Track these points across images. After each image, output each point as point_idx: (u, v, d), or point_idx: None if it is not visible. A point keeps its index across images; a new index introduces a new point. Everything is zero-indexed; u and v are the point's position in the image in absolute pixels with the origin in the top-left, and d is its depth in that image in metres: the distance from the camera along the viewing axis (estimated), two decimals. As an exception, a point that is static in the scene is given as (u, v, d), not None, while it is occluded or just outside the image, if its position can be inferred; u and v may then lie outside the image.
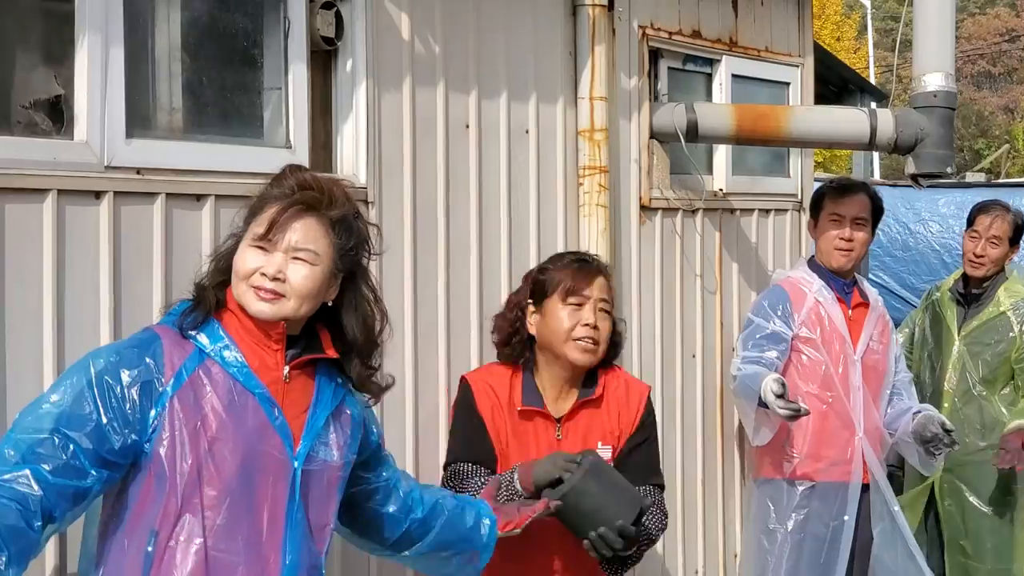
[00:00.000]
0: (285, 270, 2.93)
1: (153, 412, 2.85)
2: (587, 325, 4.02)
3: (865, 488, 5.51)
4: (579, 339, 4.02)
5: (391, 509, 3.46)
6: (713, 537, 6.11)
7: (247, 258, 2.95)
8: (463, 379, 4.19)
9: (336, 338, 3.11)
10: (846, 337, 5.50)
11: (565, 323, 4.03)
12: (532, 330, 4.12)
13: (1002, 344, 6.13)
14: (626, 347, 4.72)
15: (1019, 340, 6.10)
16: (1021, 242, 6.47)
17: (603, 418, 4.16)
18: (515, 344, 4.16)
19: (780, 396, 5.04)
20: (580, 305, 4.04)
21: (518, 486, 3.84)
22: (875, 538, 5.50)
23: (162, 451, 2.84)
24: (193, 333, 2.96)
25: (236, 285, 2.97)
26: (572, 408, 4.13)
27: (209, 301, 2.99)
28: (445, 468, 4.14)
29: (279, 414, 2.97)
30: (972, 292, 6.28)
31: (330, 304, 3.07)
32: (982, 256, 6.21)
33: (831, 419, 5.47)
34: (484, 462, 4.04)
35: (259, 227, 2.95)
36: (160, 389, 2.86)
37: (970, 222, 6.33)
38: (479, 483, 3.95)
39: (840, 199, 5.64)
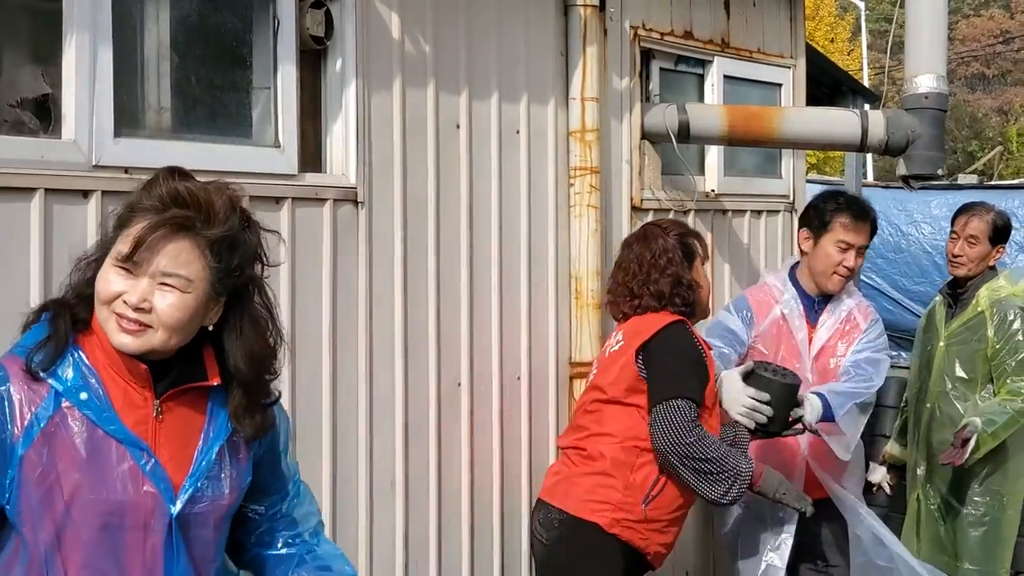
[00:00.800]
0: (151, 298, 2.53)
1: (9, 473, 2.53)
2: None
3: (824, 502, 5.36)
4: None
5: (279, 551, 2.98)
6: (700, 530, 6.10)
7: (109, 280, 2.55)
8: (681, 322, 4.47)
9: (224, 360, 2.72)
10: (803, 354, 5.31)
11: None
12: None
13: (979, 344, 6.12)
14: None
15: (993, 339, 6.08)
16: (1009, 241, 6.44)
17: None
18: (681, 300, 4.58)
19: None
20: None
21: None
22: (850, 543, 5.41)
23: (20, 517, 2.54)
24: (44, 374, 2.56)
25: (99, 309, 2.58)
26: None
27: (62, 334, 2.59)
28: (675, 400, 4.28)
29: (150, 458, 2.59)
30: (957, 292, 6.28)
31: (211, 328, 2.67)
32: (960, 256, 6.19)
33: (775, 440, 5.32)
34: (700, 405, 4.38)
35: (124, 245, 2.53)
36: (10, 445, 2.52)
37: (952, 223, 6.33)
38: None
39: (854, 226, 5.26)
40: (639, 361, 4.40)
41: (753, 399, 4.69)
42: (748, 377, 4.78)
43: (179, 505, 2.61)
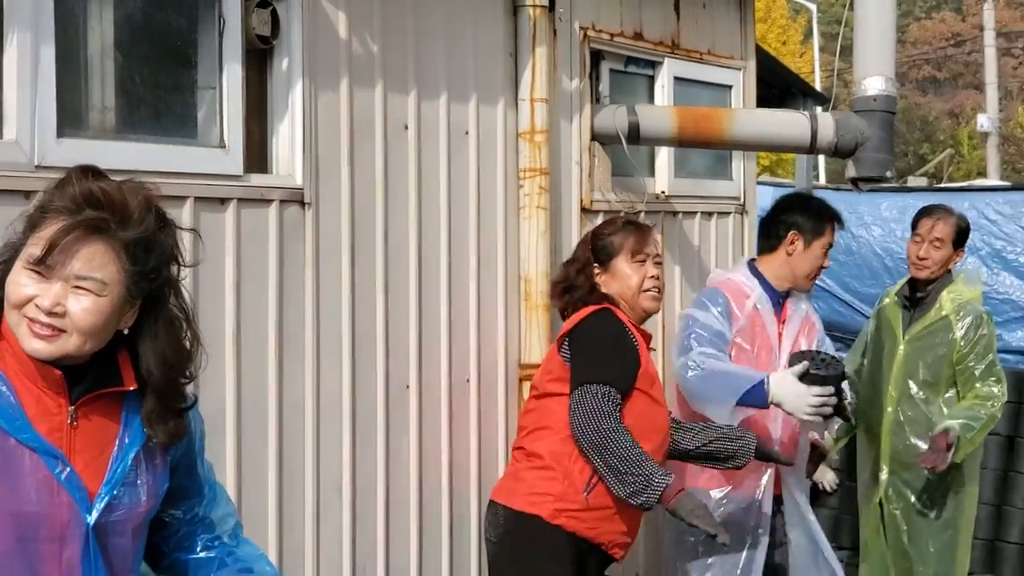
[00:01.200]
0: (65, 302, 2.45)
1: None
2: (651, 277, 4.61)
3: (779, 499, 5.40)
4: (648, 290, 4.60)
5: (198, 555, 2.92)
6: (654, 534, 6.10)
7: (21, 284, 2.46)
8: (608, 308, 4.51)
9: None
10: (775, 348, 5.35)
11: (634, 279, 4.59)
12: (605, 289, 4.62)
13: (944, 347, 6.14)
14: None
15: (959, 343, 6.11)
16: (966, 246, 6.48)
17: None
18: (574, 295, 4.64)
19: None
20: (644, 261, 4.62)
21: None
22: (791, 543, 5.41)
23: None
24: None
25: (9, 313, 2.49)
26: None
27: None
28: (588, 384, 4.29)
29: (65, 466, 2.50)
30: (917, 296, 6.29)
31: (126, 332, 2.59)
32: (925, 259, 6.20)
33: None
34: (622, 395, 4.36)
35: (35, 247, 2.45)
36: None
37: (913, 226, 6.34)
38: (617, 417, 4.27)
39: (836, 230, 5.45)
40: (563, 350, 4.44)
41: (819, 396, 4.73)
42: (803, 377, 4.78)
43: (95, 514, 2.53)
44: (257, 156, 4.27)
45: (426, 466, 4.79)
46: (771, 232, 5.43)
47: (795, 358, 4.94)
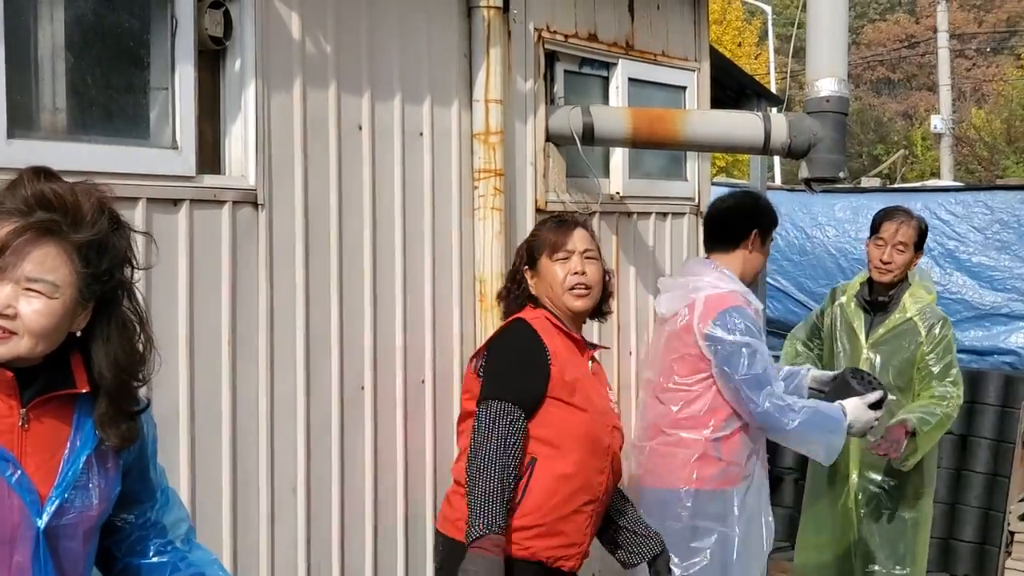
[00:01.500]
0: (16, 304, 2.45)
1: None
2: (576, 274, 4.48)
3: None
4: (572, 288, 4.49)
5: (151, 560, 2.92)
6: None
7: None
8: (520, 319, 4.49)
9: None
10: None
11: (558, 276, 4.48)
12: (535, 291, 4.56)
13: (909, 350, 6.18)
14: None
15: (924, 346, 6.15)
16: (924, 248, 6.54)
17: (600, 369, 4.72)
18: (513, 301, 4.64)
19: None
20: (567, 258, 4.50)
21: None
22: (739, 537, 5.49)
23: None
24: None
25: None
26: (589, 353, 4.62)
27: None
28: (484, 401, 4.28)
29: (16, 469, 2.50)
30: (878, 299, 6.32)
31: (78, 335, 2.58)
32: (889, 263, 6.23)
33: (752, 431, 5.45)
34: (528, 411, 4.30)
35: None
36: None
37: (875, 229, 6.35)
38: (517, 433, 4.24)
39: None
40: (477, 368, 4.44)
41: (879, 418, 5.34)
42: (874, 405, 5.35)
43: (46, 518, 2.53)
44: (210, 157, 4.25)
45: (381, 467, 4.78)
46: (731, 231, 5.51)
47: (852, 377, 5.49)
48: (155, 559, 2.91)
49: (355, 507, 4.70)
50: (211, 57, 4.27)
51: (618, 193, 6.22)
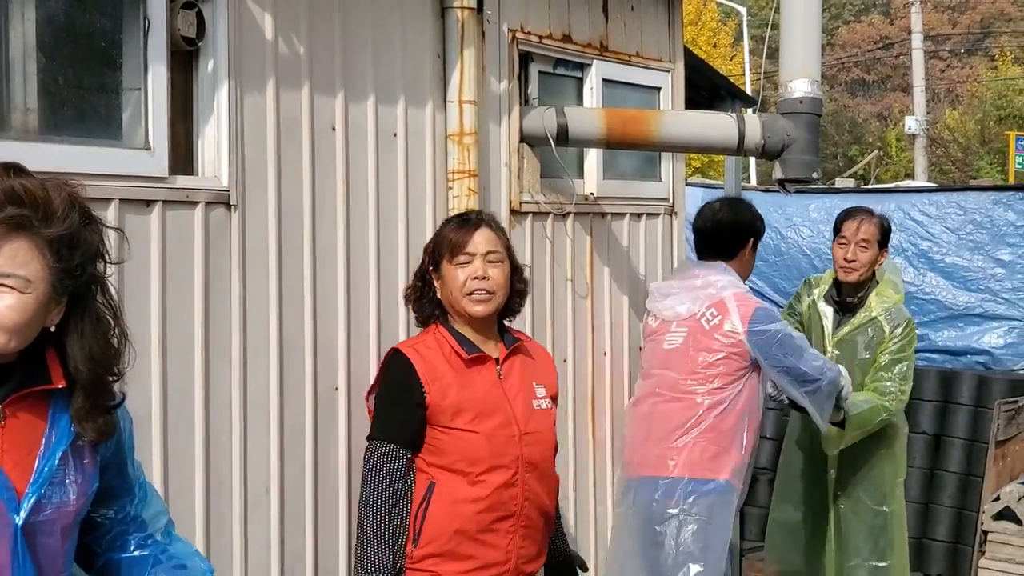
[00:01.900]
0: None
1: None
2: (476, 278, 4.30)
3: None
4: (471, 293, 4.30)
5: (132, 554, 2.92)
6: (584, 541, 6.11)
7: None
8: (395, 350, 4.36)
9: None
10: None
11: (459, 280, 4.30)
12: (439, 295, 4.41)
13: (872, 349, 6.23)
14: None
15: (887, 343, 6.18)
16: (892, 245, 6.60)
17: (536, 366, 4.55)
18: (424, 304, 4.46)
19: None
20: (468, 261, 4.33)
21: None
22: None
23: None
24: None
25: None
26: (504, 352, 4.43)
27: None
28: (367, 442, 4.27)
29: None
30: (847, 300, 6.36)
31: (52, 330, 2.58)
32: (853, 260, 6.27)
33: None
34: (408, 445, 4.24)
35: None
36: None
37: (837, 229, 6.40)
38: (398, 471, 4.20)
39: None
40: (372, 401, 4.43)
41: None
42: None
43: (23, 514, 2.51)
44: (183, 158, 4.24)
45: (355, 467, 4.77)
46: (728, 242, 5.73)
47: None
48: (136, 553, 2.92)
49: (329, 507, 4.70)
50: (184, 58, 4.26)
51: (592, 194, 6.23)
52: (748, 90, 26.68)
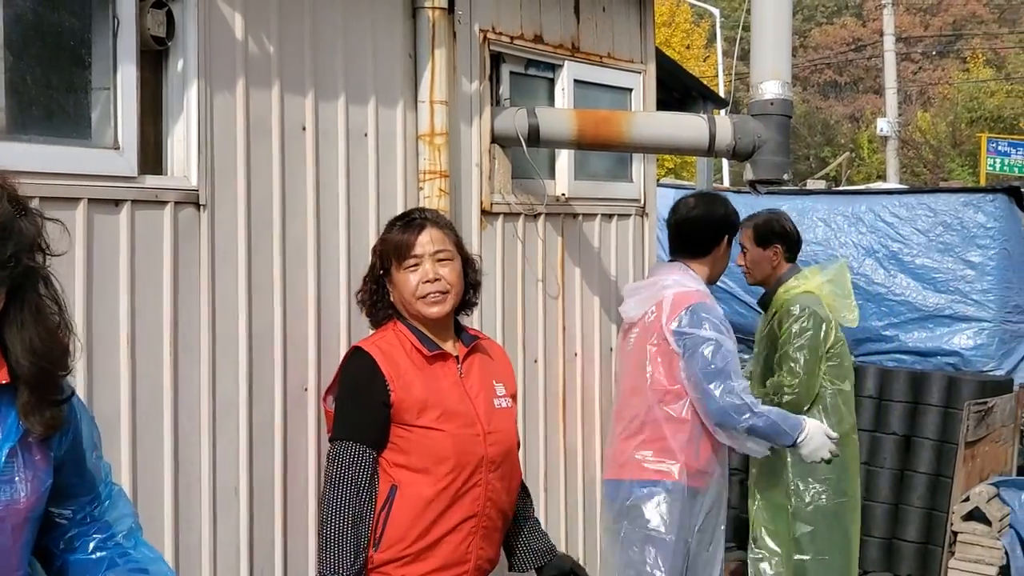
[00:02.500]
0: None
1: None
2: (428, 281, 4.24)
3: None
4: (424, 296, 4.24)
5: (90, 556, 2.88)
6: (555, 542, 6.11)
7: None
8: (357, 348, 4.28)
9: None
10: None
11: (410, 285, 4.25)
12: (393, 298, 4.35)
13: (771, 345, 6.41)
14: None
15: (783, 338, 6.31)
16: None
17: (494, 365, 4.50)
18: (379, 308, 4.39)
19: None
20: (417, 265, 4.26)
21: None
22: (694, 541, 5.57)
23: None
24: None
25: None
26: (464, 351, 4.37)
27: None
28: (330, 443, 4.20)
29: None
30: (762, 300, 6.62)
31: None
32: (741, 266, 6.57)
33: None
34: (374, 444, 4.17)
35: None
36: None
37: None
38: (364, 472, 4.13)
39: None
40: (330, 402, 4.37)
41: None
42: None
43: None
44: (152, 157, 4.23)
45: (324, 467, 4.77)
46: (701, 241, 5.64)
47: None
48: (94, 555, 2.88)
49: (298, 508, 4.69)
50: (153, 57, 4.25)
51: (564, 195, 6.23)
52: (722, 91, 26.73)
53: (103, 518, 2.90)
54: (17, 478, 2.57)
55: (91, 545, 2.88)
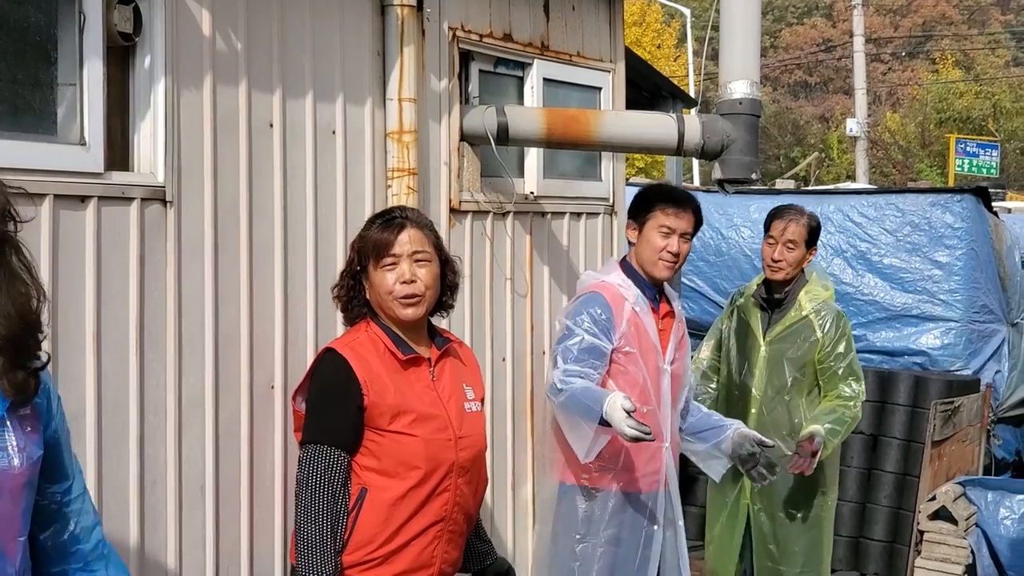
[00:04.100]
0: None
1: None
2: (404, 282, 4.18)
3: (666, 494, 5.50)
4: (400, 297, 4.18)
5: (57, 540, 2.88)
6: (523, 539, 6.12)
7: None
8: (330, 349, 4.19)
9: None
10: (658, 347, 5.34)
11: (387, 284, 4.19)
12: (368, 296, 4.28)
13: (805, 347, 6.26)
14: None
15: (822, 343, 6.22)
16: (823, 245, 6.63)
17: (464, 369, 4.44)
18: (354, 305, 4.31)
19: (629, 414, 4.85)
20: (395, 264, 4.20)
21: None
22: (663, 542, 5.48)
23: None
24: None
25: None
26: (436, 354, 4.31)
27: None
28: (303, 445, 4.11)
29: None
30: (775, 297, 6.39)
31: None
32: (779, 260, 6.32)
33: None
34: (347, 448, 4.11)
35: None
36: None
37: (767, 228, 6.44)
38: (338, 475, 4.07)
39: (675, 212, 5.36)
40: (302, 405, 4.29)
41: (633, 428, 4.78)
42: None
43: None
44: (118, 154, 4.22)
45: (291, 466, 4.75)
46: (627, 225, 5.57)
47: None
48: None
49: (264, 506, 4.68)
50: (120, 53, 4.23)
51: (532, 193, 6.23)
52: (692, 91, 26.78)
53: (76, 534, 2.89)
54: (10, 447, 2.58)
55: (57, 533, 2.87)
